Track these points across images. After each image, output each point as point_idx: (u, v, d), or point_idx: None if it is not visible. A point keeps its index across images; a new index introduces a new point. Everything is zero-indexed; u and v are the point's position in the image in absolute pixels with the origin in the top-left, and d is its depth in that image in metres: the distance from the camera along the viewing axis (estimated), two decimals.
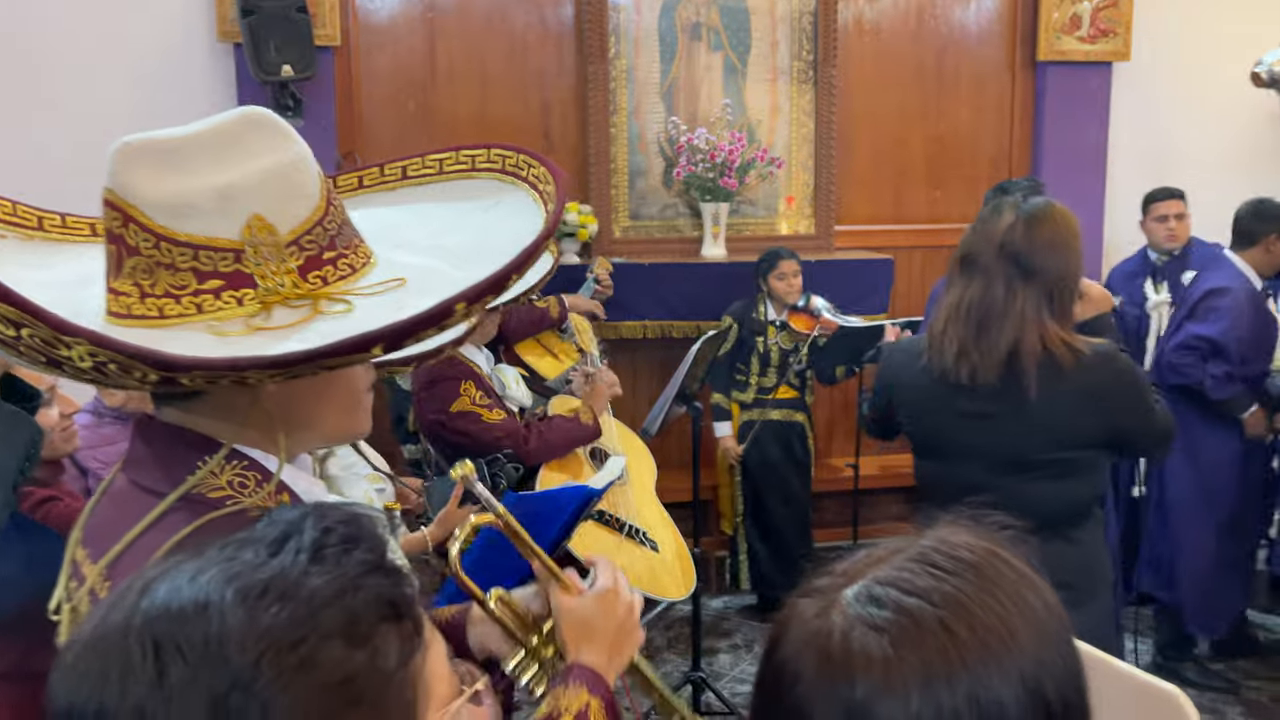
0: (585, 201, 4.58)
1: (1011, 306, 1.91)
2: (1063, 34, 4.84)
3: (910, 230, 4.97)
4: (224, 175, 0.89)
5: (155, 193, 0.87)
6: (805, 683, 0.65)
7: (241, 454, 0.93)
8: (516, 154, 1.10)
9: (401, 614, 0.59)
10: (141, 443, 0.95)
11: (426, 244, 1.04)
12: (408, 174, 1.14)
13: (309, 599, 0.56)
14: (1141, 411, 2.00)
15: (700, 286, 4.47)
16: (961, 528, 0.72)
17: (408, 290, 0.94)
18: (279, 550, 0.59)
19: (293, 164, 0.93)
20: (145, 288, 0.89)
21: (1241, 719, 3.48)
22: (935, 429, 2.11)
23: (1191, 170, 4.57)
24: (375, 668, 0.56)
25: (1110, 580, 2.12)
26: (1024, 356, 1.90)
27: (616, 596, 1.12)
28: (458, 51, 4.54)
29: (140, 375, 0.80)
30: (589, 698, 1.07)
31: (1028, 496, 1.89)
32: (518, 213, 1.04)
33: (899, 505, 5.01)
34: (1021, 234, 1.93)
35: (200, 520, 0.86)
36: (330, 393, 0.97)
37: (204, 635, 0.54)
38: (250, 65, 3.94)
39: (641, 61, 4.63)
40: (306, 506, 0.64)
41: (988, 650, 0.63)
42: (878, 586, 0.67)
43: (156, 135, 0.90)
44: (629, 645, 1.15)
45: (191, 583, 0.57)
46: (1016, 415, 1.93)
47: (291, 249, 0.91)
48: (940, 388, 2.00)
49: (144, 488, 0.91)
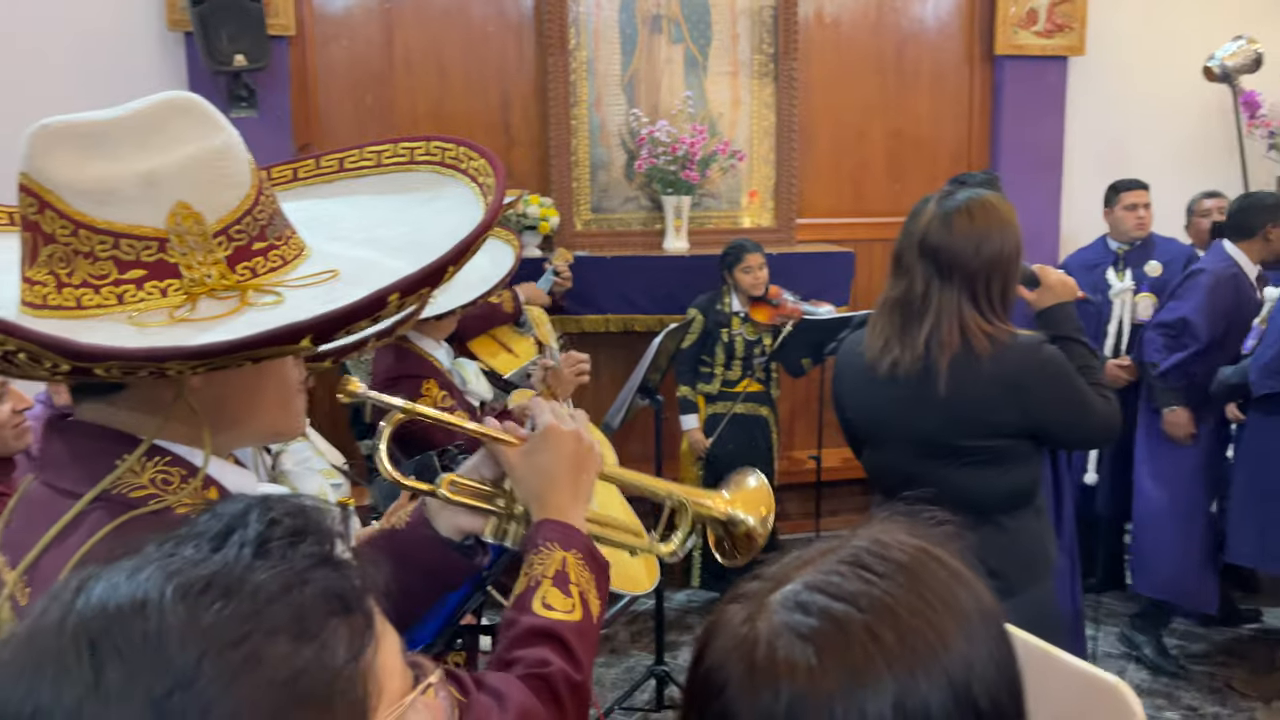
0: (546, 194, 4.55)
1: (930, 301, 1.98)
2: (1019, 28, 4.89)
3: (871, 223, 4.99)
4: (148, 161, 0.86)
5: (74, 178, 0.84)
6: (731, 690, 0.64)
7: (164, 450, 0.89)
8: (456, 146, 1.07)
9: (351, 608, 0.57)
10: (56, 443, 0.91)
11: (361, 236, 1.02)
12: (345, 166, 1.11)
13: (253, 594, 0.54)
14: (1066, 403, 1.99)
15: (662, 280, 4.46)
16: (896, 524, 0.71)
17: (340, 281, 0.91)
18: (222, 545, 0.57)
19: (221, 151, 0.89)
20: (62, 277, 0.85)
21: (1194, 704, 3.54)
22: (871, 419, 2.18)
23: (1145, 163, 4.64)
24: (324, 664, 0.54)
25: (1050, 570, 2.13)
26: (936, 348, 1.96)
27: (559, 431, 1.11)
28: (415, 43, 4.48)
29: (51, 365, 0.76)
30: (562, 554, 1.06)
31: (957, 483, 1.97)
32: (457, 206, 1.02)
33: (861, 497, 5.04)
34: (937, 229, 1.98)
35: (119, 519, 0.83)
36: (258, 389, 0.94)
37: (143, 634, 0.52)
38: (202, 55, 3.87)
39: (602, 53, 4.60)
40: (252, 499, 0.61)
41: (914, 655, 0.62)
42: (805, 592, 0.66)
43: (77, 118, 0.86)
44: (588, 472, 1.13)
45: (129, 580, 0.55)
46: (935, 404, 1.98)
47: (219, 239, 0.88)
48: (873, 379, 2.07)
49: (60, 490, 0.88)
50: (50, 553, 0.84)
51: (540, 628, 1.02)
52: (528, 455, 1.12)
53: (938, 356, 1.96)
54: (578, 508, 1.12)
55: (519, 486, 1.13)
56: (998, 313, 1.98)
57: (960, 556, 0.70)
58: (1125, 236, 4.21)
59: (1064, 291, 2.15)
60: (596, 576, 1.09)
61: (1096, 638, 2.83)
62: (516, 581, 1.06)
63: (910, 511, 0.73)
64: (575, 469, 1.12)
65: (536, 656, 1.00)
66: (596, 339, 4.56)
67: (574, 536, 1.09)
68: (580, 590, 1.06)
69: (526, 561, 1.06)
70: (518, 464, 1.12)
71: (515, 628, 1.03)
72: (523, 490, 1.12)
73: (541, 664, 1.00)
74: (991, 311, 1.98)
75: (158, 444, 0.88)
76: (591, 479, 1.15)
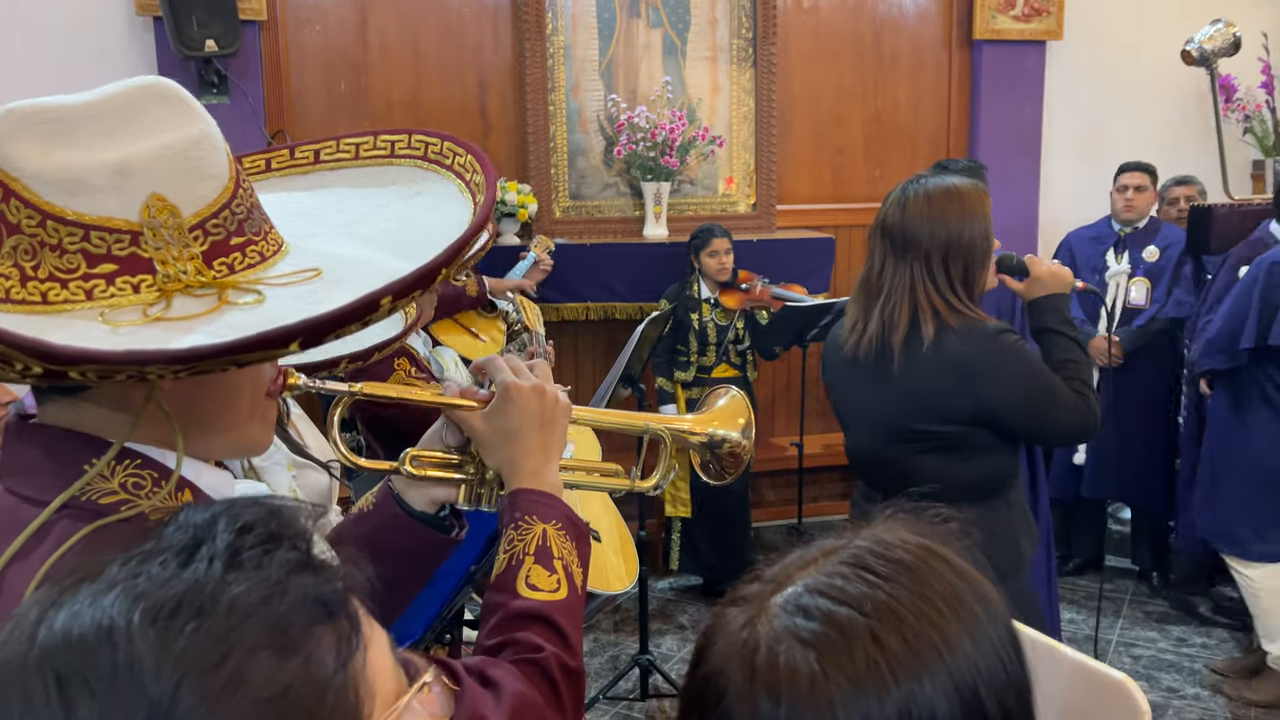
0: (524, 181, 4.51)
1: (884, 281, 2.00)
2: (998, 13, 4.88)
3: (850, 209, 4.99)
4: (121, 150, 0.81)
5: (42, 165, 0.79)
6: (730, 697, 0.63)
7: (135, 452, 0.85)
8: (440, 140, 1.03)
9: (334, 613, 0.54)
10: (19, 447, 0.86)
11: (341, 233, 0.97)
12: (320, 158, 1.06)
13: (229, 611, 0.51)
14: (1021, 396, 1.96)
15: (642, 267, 4.43)
16: (899, 523, 0.69)
17: (323, 281, 0.87)
18: (190, 559, 0.54)
19: (198, 140, 0.85)
20: (27, 270, 0.80)
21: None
22: (843, 401, 2.21)
23: (1123, 148, 4.65)
24: (311, 675, 0.51)
25: (1021, 565, 2.09)
26: (888, 329, 1.98)
27: (520, 389, 1.05)
28: (390, 28, 4.41)
29: (21, 368, 0.72)
30: (542, 526, 1.02)
31: (916, 469, 1.98)
32: (442, 203, 0.98)
33: (843, 483, 5.05)
34: (893, 211, 2.01)
35: (89, 527, 0.79)
36: (233, 393, 0.90)
37: (112, 665, 0.49)
38: (171, 39, 3.79)
39: (580, 38, 4.55)
40: (218, 505, 0.57)
41: (919, 660, 0.61)
42: (806, 595, 0.64)
43: (45, 102, 0.81)
44: (557, 427, 1.07)
45: (92, 605, 0.51)
46: (888, 386, 2.00)
47: (195, 233, 0.83)
48: (845, 360, 2.09)
49: (24, 497, 0.83)
50: (15, 564, 0.80)
51: (527, 610, 0.98)
52: (490, 419, 1.05)
53: (890, 336, 1.99)
54: (550, 466, 1.07)
55: (485, 453, 1.07)
56: (959, 297, 1.97)
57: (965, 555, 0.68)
58: (1116, 217, 4.25)
59: (1054, 284, 2.11)
60: (578, 544, 1.05)
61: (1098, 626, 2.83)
62: (495, 559, 1.02)
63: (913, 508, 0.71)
64: (542, 426, 1.05)
65: (527, 641, 0.97)
66: (576, 327, 4.53)
67: (552, 505, 1.04)
68: (564, 563, 1.02)
69: (505, 537, 1.02)
70: (481, 429, 1.06)
71: (501, 611, 0.99)
72: (490, 456, 1.07)
73: (533, 649, 0.97)
74: (952, 295, 1.97)
75: (128, 446, 0.84)
76: (562, 433, 1.08)
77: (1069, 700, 1.29)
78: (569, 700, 0.97)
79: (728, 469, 1.22)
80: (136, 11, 4.02)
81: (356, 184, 1.05)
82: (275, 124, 4.25)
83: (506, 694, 0.91)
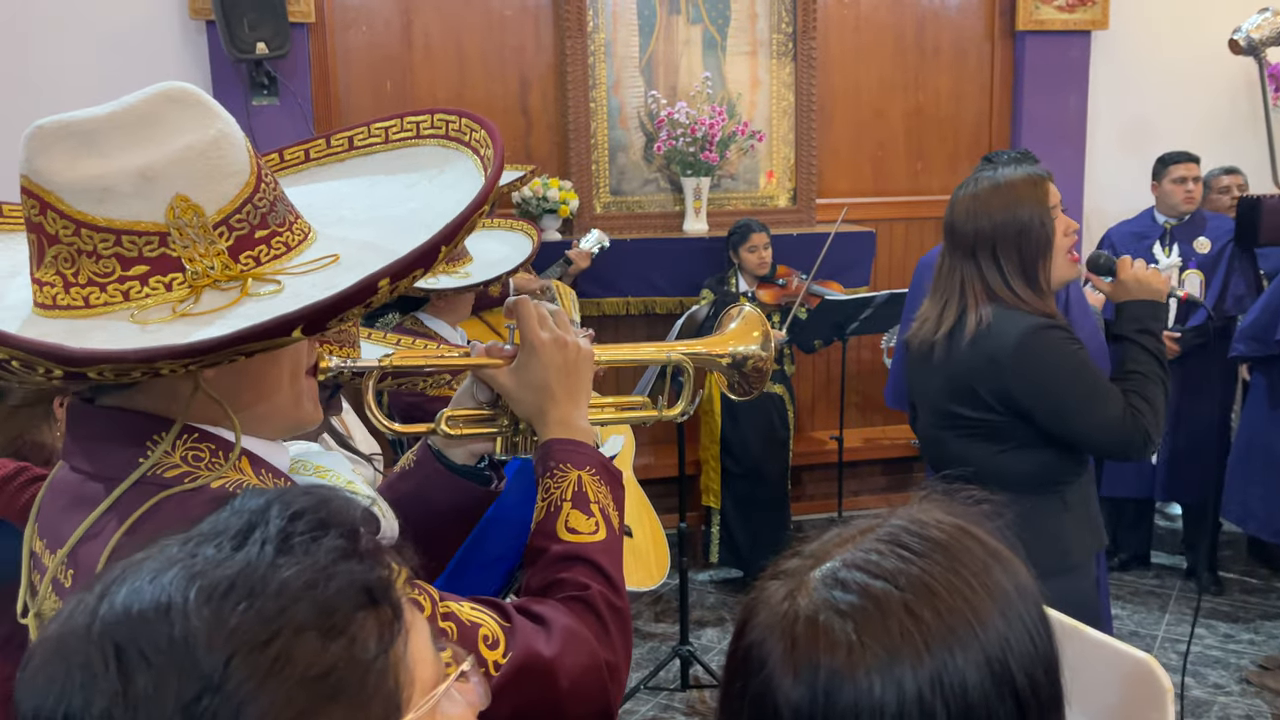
0: (566, 177, 4.56)
1: (943, 275, 2.07)
2: (1041, 3, 4.83)
3: (892, 203, 4.97)
4: (143, 155, 0.85)
5: (71, 177, 0.84)
6: (771, 666, 0.66)
7: (193, 428, 0.88)
8: (459, 118, 1.05)
9: (378, 600, 0.57)
10: (82, 428, 0.91)
11: (367, 216, 1.01)
12: (355, 144, 1.10)
13: (278, 593, 0.54)
14: (1052, 396, 1.93)
15: (682, 261, 4.46)
16: (934, 503, 0.72)
17: (340, 266, 0.90)
18: (244, 543, 0.57)
19: (216, 140, 0.88)
20: (69, 277, 0.85)
21: None
22: (912, 385, 2.28)
23: (1169, 138, 4.59)
24: (354, 658, 0.54)
25: (1076, 567, 2.04)
26: (941, 322, 2.04)
27: (541, 341, 1.09)
28: (434, 27, 4.48)
29: (45, 371, 0.76)
30: (577, 473, 1.06)
31: (959, 454, 2.03)
32: (460, 180, 1.00)
33: (884, 477, 5.05)
34: (948, 209, 2.08)
35: (156, 498, 0.83)
36: (271, 379, 0.93)
37: (168, 639, 0.52)
38: (224, 43, 3.89)
39: (620, 35, 4.59)
40: (272, 493, 0.61)
41: (952, 633, 0.63)
42: (844, 570, 0.67)
43: (72, 116, 0.86)
44: (582, 374, 1.11)
45: (152, 583, 0.54)
46: (935, 372, 2.07)
47: (220, 229, 0.87)
48: (913, 352, 2.18)
49: (90, 474, 0.88)
50: (88, 540, 0.84)
51: (570, 552, 1.02)
52: (516, 374, 1.09)
53: (940, 328, 2.05)
54: (579, 413, 1.10)
55: (516, 407, 1.11)
56: (1012, 289, 1.97)
57: (998, 535, 0.71)
58: (1174, 210, 4.14)
59: (1138, 290, 2.04)
60: (612, 488, 1.09)
61: (1194, 627, 2.80)
62: (535, 507, 1.06)
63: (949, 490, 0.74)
64: (567, 375, 1.09)
65: (573, 580, 1.01)
66: (617, 321, 4.57)
67: (585, 452, 1.08)
68: (600, 507, 1.06)
69: (542, 486, 1.06)
70: (509, 385, 1.10)
71: (545, 555, 1.03)
72: (521, 409, 1.11)
73: (580, 588, 1.00)
74: (1005, 287, 1.97)
75: (186, 423, 0.88)
76: (587, 379, 1.12)
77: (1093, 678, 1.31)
78: (617, 637, 1.01)
79: (755, 384, 1.26)
80: (190, 16, 4.12)
81: (390, 169, 1.08)
82: (323, 124, 4.34)
83: (557, 628, 0.95)
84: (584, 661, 0.95)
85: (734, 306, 1.30)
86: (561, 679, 0.93)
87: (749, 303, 4.10)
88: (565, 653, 0.94)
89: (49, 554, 0.89)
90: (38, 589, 0.89)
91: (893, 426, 4.94)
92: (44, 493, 0.94)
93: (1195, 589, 4.18)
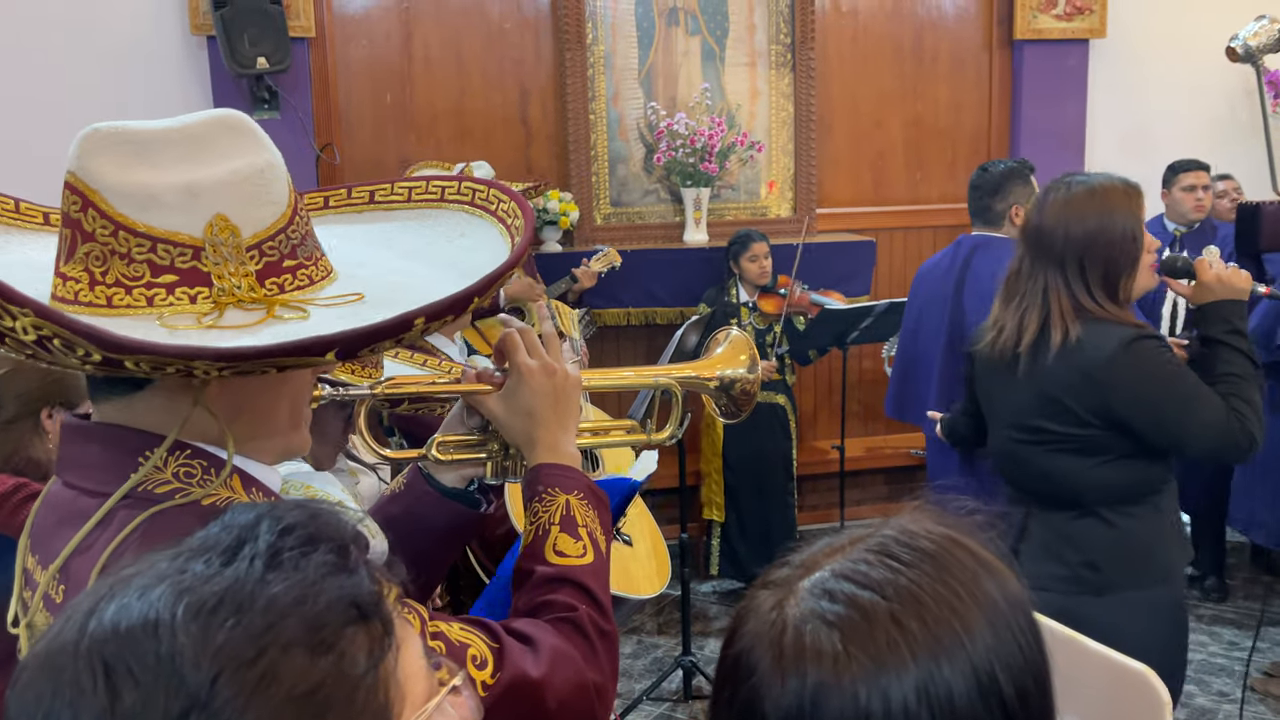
0: (566, 189, 4.57)
1: (1022, 282, 1.99)
2: (1039, 12, 4.84)
3: (891, 212, 4.98)
4: (193, 172, 0.88)
5: (119, 181, 0.86)
6: (759, 675, 0.66)
7: (186, 444, 0.90)
8: (488, 188, 1.09)
9: (368, 615, 0.57)
10: (77, 445, 0.92)
11: (386, 266, 1.04)
12: (375, 199, 1.14)
13: (266, 609, 0.53)
14: (1152, 406, 1.90)
15: (683, 272, 4.47)
16: (925, 513, 0.72)
17: (364, 304, 0.94)
18: (233, 559, 0.56)
19: (263, 170, 0.92)
20: (96, 275, 0.87)
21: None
22: (984, 399, 2.21)
23: (1168, 146, 4.59)
24: (343, 674, 0.54)
25: (1168, 574, 2.01)
26: (1020, 332, 1.97)
27: (530, 368, 1.10)
28: (434, 41, 4.51)
29: (83, 354, 0.78)
30: (565, 497, 1.07)
31: (1048, 469, 1.98)
32: (485, 244, 1.04)
33: (886, 486, 5.04)
34: (1034, 211, 2.00)
35: (146, 513, 0.84)
36: (275, 401, 0.95)
37: (155, 655, 0.52)
38: (225, 58, 3.91)
39: (619, 47, 4.61)
40: (262, 507, 0.61)
41: (938, 643, 0.64)
42: (832, 580, 0.67)
43: (127, 125, 0.89)
44: (570, 400, 1.13)
45: (141, 599, 0.54)
46: (1018, 385, 1.99)
47: (252, 252, 0.90)
48: (986, 359, 2.10)
49: (85, 490, 0.89)
50: (79, 554, 0.85)
51: (558, 575, 1.03)
52: (504, 400, 1.11)
53: (1021, 339, 1.97)
54: (567, 438, 1.12)
55: (505, 432, 1.13)
56: (1097, 298, 1.92)
57: (989, 546, 0.71)
58: (1184, 219, 4.14)
59: (1223, 290, 2.00)
60: (600, 512, 1.10)
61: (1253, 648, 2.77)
62: (523, 530, 1.08)
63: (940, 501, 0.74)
64: (555, 402, 1.11)
65: (561, 602, 1.02)
66: (618, 332, 4.58)
67: (572, 477, 1.09)
68: (588, 530, 1.07)
69: (530, 510, 1.07)
70: (498, 411, 1.12)
71: (533, 578, 1.04)
72: (509, 435, 1.13)
73: (568, 609, 1.01)
74: (1089, 298, 1.92)
75: (179, 440, 0.90)
76: (575, 404, 1.14)
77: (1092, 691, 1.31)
78: (604, 658, 1.02)
79: (743, 406, 1.28)
80: (191, 31, 4.15)
81: (408, 227, 1.12)
82: (324, 137, 4.36)
83: (545, 649, 0.96)
84: (572, 681, 0.97)
85: (721, 330, 1.32)
86: (549, 699, 0.94)
87: (751, 313, 4.14)
88: (553, 673, 0.95)
89: (41, 569, 0.90)
90: (29, 605, 0.89)
91: (895, 436, 4.94)
92: (37, 508, 0.95)
93: (1199, 596, 4.18)
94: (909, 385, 3.57)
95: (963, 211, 3.30)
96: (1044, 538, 2.03)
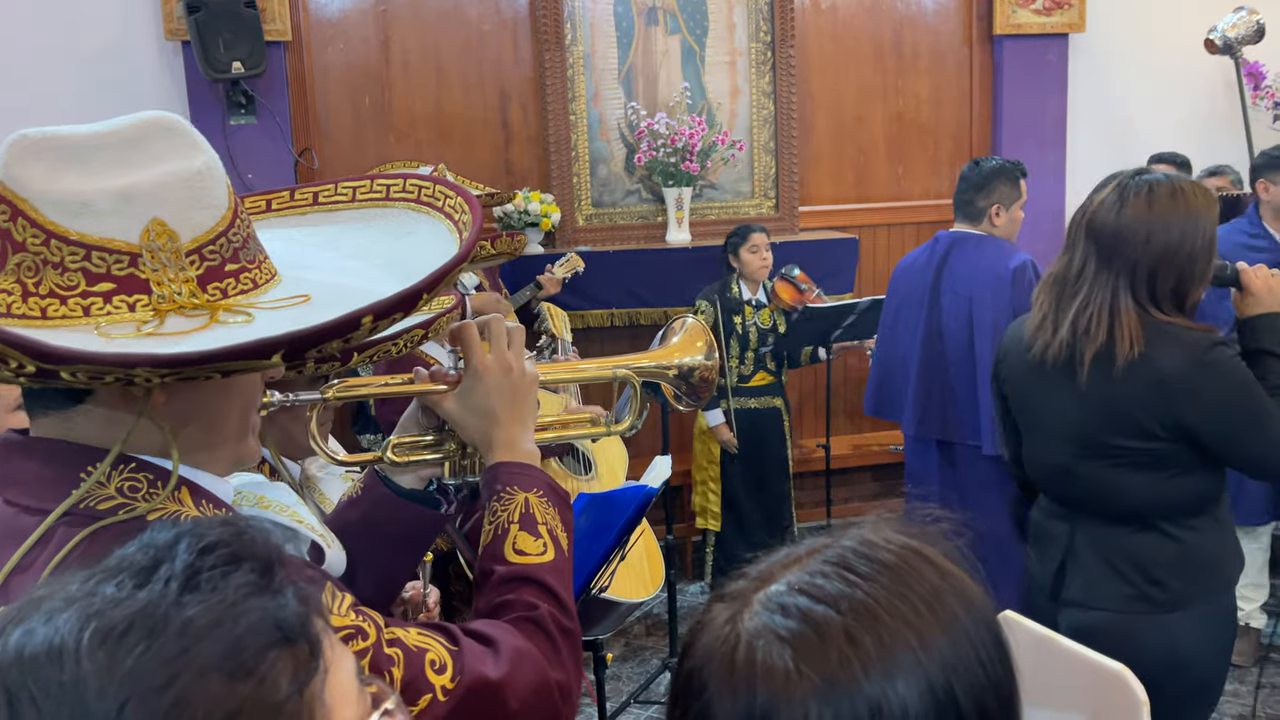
0: (547, 191, 4.55)
1: (1083, 282, 1.84)
2: (1018, 7, 4.85)
3: (874, 209, 4.97)
4: (126, 176, 0.86)
5: (49, 188, 0.84)
6: (712, 690, 0.64)
7: (130, 458, 0.87)
8: (433, 185, 1.07)
9: (292, 637, 0.54)
10: (15, 460, 0.89)
11: (332, 266, 1.02)
12: (319, 200, 1.12)
13: (180, 633, 0.51)
14: (1222, 418, 1.79)
15: (666, 272, 4.45)
16: (888, 523, 0.70)
17: (310, 306, 0.91)
18: (147, 580, 0.54)
19: (200, 172, 0.89)
20: (29, 286, 0.84)
21: None
22: (1023, 403, 2.03)
23: (1150, 139, 4.60)
24: (262, 700, 0.51)
25: (1230, 584, 1.94)
26: (1082, 335, 1.82)
27: (485, 365, 1.09)
28: (412, 43, 4.48)
29: (16, 366, 0.75)
30: (524, 495, 1.05)
31: (1113, 484, 1.86)
32: (432, 240, 1.02)
33: (874, 484, 5.04)
34: (1107, 208, 1.83)
35: (87, 530, 0.82)
36: (224, 408, 0.93)
37: (59, 684, 0.49)
38: (199, 63, 3.87)
39: (599, 47, 4.59)
40: (185, 525, 0.58)
41: (892, 659, 0.62)
42: (787, 594, 0.65)
43: (57, 130, 0.86)
44: (527, 396, 1.11)
45: (47, 624, 0.52)
46: (1077, 396, 1.85)
47: (192, 258, 0.88)
48: (1029, 359, 1.93)
49: (23, 507, 0.86)
50: (18, 574, 0.83)
51: (517, 573, 1.02)
52: (460, 399, 1.09)
53: (1083, 345, 1.82)
54: (525, 436, 1.10)
55: (461, 432, 1.11)
56: (1164, 307, 1.80)
57: (953, 556, 0.69)
58: None
59: (1272, 300, 1.88)
60: (560, 509, 1.08)
61: None
62: (482, 531, 1.05)
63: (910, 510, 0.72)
64: (513, 400, 1.09)
65: (522, 601, 1.00)
66: (602, 333, 4.56)
67: (531, 475, 1.07)
68: (549, 528, 1.05)
69: (488, 510, 1.05)
70: (454, 410, 1.09)
71: (492, 577, 1.02)
72: (466, 434, 1.11)
73: (529, 607, 1.00)
74: (1156, 309, 1.80)
75: (124, 454, 0.87)
76: (532, 401, 1.12)
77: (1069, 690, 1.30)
78: (568, 657, 1.00)
79: (702, 393, 1.26)
80: (165, 37, 4.11)
81: (353, 227, 1.10)
82: (302, 141, 4.33)
83: (505, 649, 0.94)
84: (534, 682, 0.95)
85: (677, 319, 1.31)
86: (510, 700, 0.93)
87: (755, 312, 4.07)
88: (514, 673, 0.93)
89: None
90: None
91: (880, 433, 4.94)
92: None
93: None
94: (887, 383, 3.56)
95: (945, 208, 3.30)
96: (1100, 555, 1.92)
